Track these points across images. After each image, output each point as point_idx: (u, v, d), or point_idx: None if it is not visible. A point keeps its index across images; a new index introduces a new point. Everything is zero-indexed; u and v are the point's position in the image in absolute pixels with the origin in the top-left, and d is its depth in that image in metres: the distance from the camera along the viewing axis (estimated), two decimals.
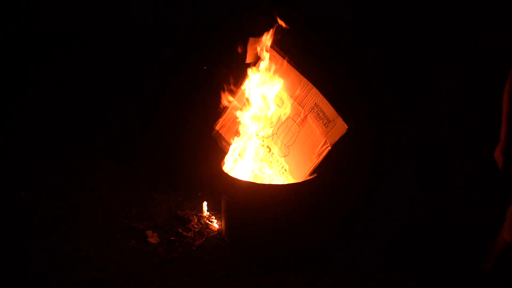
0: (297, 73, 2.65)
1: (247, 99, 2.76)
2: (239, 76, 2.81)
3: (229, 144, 2.81)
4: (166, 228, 2.76)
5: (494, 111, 2.59)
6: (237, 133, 2.79)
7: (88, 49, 3.80)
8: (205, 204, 2.93)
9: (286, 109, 2.66)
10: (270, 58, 2.71)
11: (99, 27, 3.80)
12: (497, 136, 2.20)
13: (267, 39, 2.69)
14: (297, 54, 2.72)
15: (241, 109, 2.79)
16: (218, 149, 2.90)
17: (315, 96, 2.57)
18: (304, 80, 2.61)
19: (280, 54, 2.70)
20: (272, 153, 2.70)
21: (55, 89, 3.75)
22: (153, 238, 2.65)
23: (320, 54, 2.90)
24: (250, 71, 2.74)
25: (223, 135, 2.90)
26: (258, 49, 2.71)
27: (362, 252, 2.58)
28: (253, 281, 2.36)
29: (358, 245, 2.63)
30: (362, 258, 2.53)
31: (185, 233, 2.71)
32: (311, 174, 2.53)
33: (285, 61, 2.67)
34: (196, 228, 2.78)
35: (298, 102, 2.63)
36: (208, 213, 2.92)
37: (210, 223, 2.85)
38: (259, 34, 2.70)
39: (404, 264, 2.49)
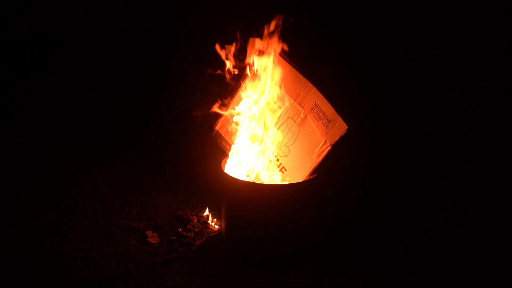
0: (297, 73, 2.65)
1: (247, 99, 2.76)
2: (239, 76, 2.80)
3: (229, 144, 2.81)
4: (166, 228, 2.76)
5: (497, 111, 2.60)
6: (237, 133, 2.78)
7: (87, 49, 3.80)
8: (207, 210, 2.93)
9: (286, 109, 2.66)
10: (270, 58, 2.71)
11: (98, 27, 3.79)
12: (500, 136, 2.21)
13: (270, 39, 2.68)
14: (296, 54, 2.72)
15: (241, 109, 2.79)
16: (218, 149, 2.89)
17: (315, 96, 2.57)
18: (304, 80, 2.62)
19: (280, 54, 2.70)
20: (272, 153, 2.70)
21: (55, 88, 3.76)
22: (153, 238, 2.65)
23: (319, 54, 2.90)
24: (250, 71, 2.74)
25: (223, 135, 2.91)
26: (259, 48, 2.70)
27: (362, 252, 2.58)
28: (253, 281, 2.36)
29: (358, 246, 2.63)
30: (363, 258, 2.53)
31: (185, 233, 2.71)
32: (311, 174, 2.53)
33: (284, 61, 2.67)
34: (196, 228, 2.78)
35: (298, 102, 2.64)
36: (208, 213, 2.92)
37: (210, 223, 2.85)
38: (259, 34, 2.70)
39: (405, 265, 2.49)
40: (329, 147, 2.48)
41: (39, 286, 2.24)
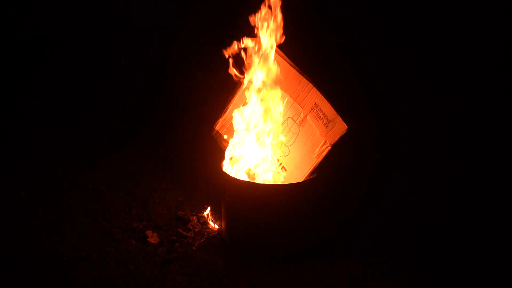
0: (297, 73, 2.65)
1: (247, 99, 2.76)
2: (239, 75, 2.80)
3: (229, 144, 2.81)
4: (166, 228, 2.76)
5: (497, 111, 2.60)
6: (237, 133, 2.78)
7: (87, 49, 3.80)
8: (207, 210, 2.93)
9: (286, 109, 2.66)
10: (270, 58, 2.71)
11: (98, 27, 3.79)
12: (500, 136, 2.21)
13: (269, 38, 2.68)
14: (296, 54, 2.72)
15: (241, 109, 2.78)
16: (218, 149, 2.89)
17: (315, 96, 2.57)
18: (304, 80, 2.62)
19: (280, 54, 2.70)
20: (272, 153, 2.70)
21: (55, 88, 3.76)
22: (153, 238, 2.65)
23: (319, 54, 2.90)
24: (250, 71, 2.74)
25: (223, 135, 2.90)
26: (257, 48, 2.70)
27: (363, 252, 2.58)
28: (253, 281, 2.36)
29: (358, 246, 2.63)
30: (363, 258, 2.53)
31: (185, 233, 2.71)
32: (311, 174, 2.53)
33: (284, 61, 2.67)
34: (196, 228, 2.78)
35: (298, 102, 2.64)
36: (208, 213, 2.92)
37: (210, 223, 2.85)
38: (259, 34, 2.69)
39: (405, 265, 2.49)
40: (329, 147, 2.48)
41: (39, 286, 2.24)
